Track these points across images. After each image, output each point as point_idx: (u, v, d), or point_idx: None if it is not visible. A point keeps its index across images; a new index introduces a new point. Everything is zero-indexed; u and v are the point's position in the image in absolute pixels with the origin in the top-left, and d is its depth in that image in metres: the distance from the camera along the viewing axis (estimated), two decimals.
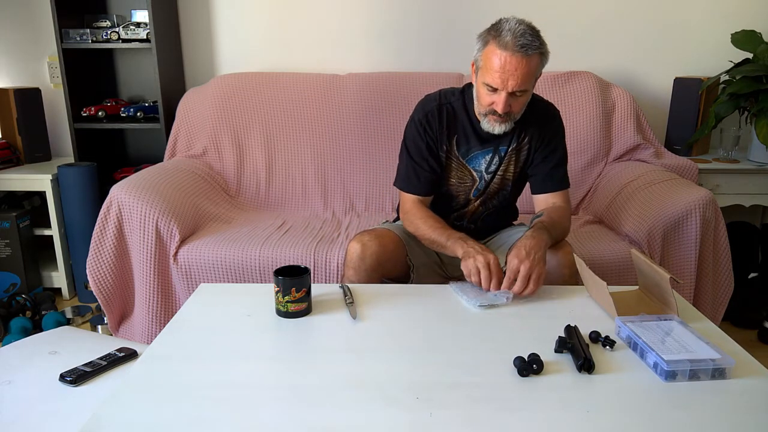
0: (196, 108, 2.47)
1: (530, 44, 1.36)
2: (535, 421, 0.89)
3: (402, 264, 1.61)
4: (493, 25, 1.43)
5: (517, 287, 1.30)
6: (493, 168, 1.61)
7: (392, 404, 0.93)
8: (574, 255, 1.41)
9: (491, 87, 1.41)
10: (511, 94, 1.41)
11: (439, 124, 1.56)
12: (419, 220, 1.56)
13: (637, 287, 1.39)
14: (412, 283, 1.61)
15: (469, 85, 1.59)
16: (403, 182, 1.62)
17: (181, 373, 1.02)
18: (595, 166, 2.37)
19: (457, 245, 1.43)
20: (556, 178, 1.61)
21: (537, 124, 1.58)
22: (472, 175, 1.62)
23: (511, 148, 1.60)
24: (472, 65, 1.50)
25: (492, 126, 1.48)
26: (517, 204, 1.80)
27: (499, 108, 1.42)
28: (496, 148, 1.59)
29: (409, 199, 1.61)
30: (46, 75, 2.74)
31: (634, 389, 0.98)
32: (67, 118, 2.54)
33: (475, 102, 1.51)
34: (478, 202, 1.67)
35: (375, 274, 1.52)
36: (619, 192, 2.11)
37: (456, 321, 1.23)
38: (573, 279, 1.49)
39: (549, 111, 1.62)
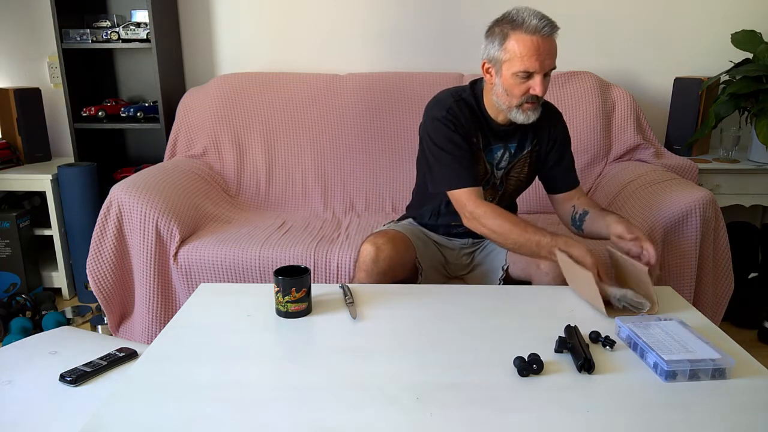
0: (196, 108, 2.47)
1: (553, 23, 1.41)
2: (535, 421, 0.89)
3: (411, 266, 1.61)
4: (504, 20, 1.44)
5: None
6: (503, 164, 1.61)
7: (392, 404, 0.93)
8: (556, 250, 1.40)
9: (526, 73, 1.41)
10: (544, 75, 1.44)
11: (464, 118, 1.53)
12: (496, 221, 1.45)
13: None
14: (420, 284, 1.61)
15: (476, 82, 1.59)
16: (453, 180, 1.50)
17: (181, 373, 1.02)
18: (595, 166, 2.37)
19: (553, 255, 1.40)
20: (573, 176, 1.66)
21: (546, 125, 1.61)
22: (486, 169, 1.61)
23: (525, 150, 1.61)
24: (484, 65, 1.49)
25: (527, 115, 1.48)
26: (521, 203, 1.81)
27: (539, 90, 1.42)
28: (505, 145, 1.60)
29: (465, 197, 1.49)
30: (46, 75, 2.74)
31: (634, 389, 0.98)
32: (67, 118, 2.54)
33: (501, 98, 1.48)
34: (495, 202, 1.66)
35: (387, 277, 1.52)
36: (619, 192, 2.10)
37: (456, 321, 1.23)
38: None
39: (554, 111, 1.64)
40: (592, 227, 1.53)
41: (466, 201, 1.49)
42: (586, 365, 1.03)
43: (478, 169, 1.57)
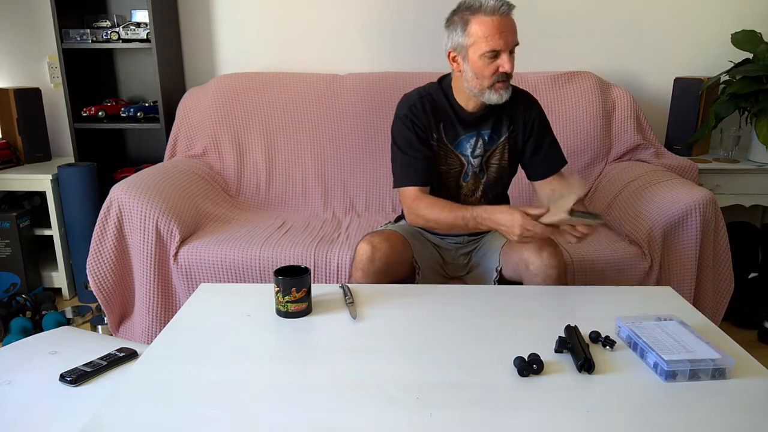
0: (196, 108, 2.47)
1: (509, 3, 1.47)
2: (535, 421, 0.89)
3: (408, 265, 1.62)
4: (461, 8, 1.50)
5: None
6: (478, 152, 1.63)
7: (392, 404, 0.93)
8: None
9: (493, 52, 1.45)
10: (509, 53, 1.48)
11: (425, 114, 1.59)
12: (426, 210, 1.54)
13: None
14: (417, 284, 1.61)
15: (444, 77, 1.64)
16: (402, 179, 1.60)
17: (181, 373, 1.02)
18: (596, 166, 2.37)
19: (482, 224, 1.48)
20: (554, 160, 1.67)
21: (521, 111, 1.63)
22: (460, 160, 1.63)
23: (502, 137, 1.62)
24: (450, 54, 1.54)
25: (500, 95, 1.51)
26: (516, 198, 1.82)
27: (508, 66, 1.47)
28: (478, 132, 1.62)
29: (409, 193, 1.58)
30: (46, 75, 2.74)
31: (634, 389, 0.98)
32: (67, 118, 2.54)
33: (472, 83, 1.52)
34: (479, 193, 1.67)
35: (383, 276, 1.52)
36: (619, 192, 2.11)
37: (456, 321, 1.23)
38: (561, 279, 1.50)
39: (528, 98, 1.66)
40: None
41: (406, 198, 1.58)
42: (586, 365, 1.03)
43: (434, 167, 1.61)
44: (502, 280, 1.62)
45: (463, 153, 1.62)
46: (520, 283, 1.56)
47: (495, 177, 1.67)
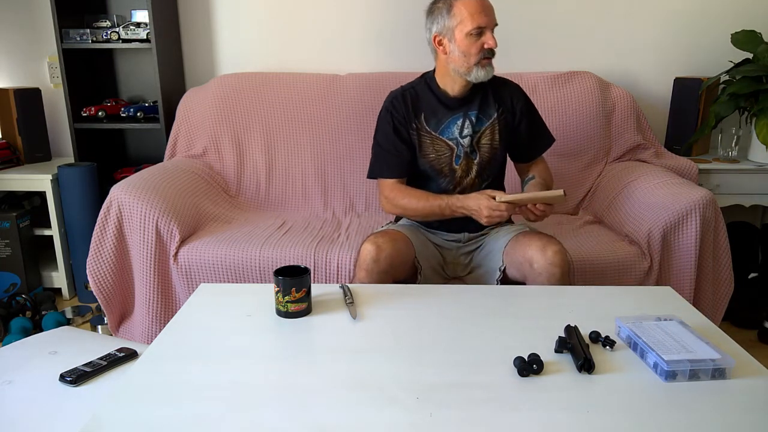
0: (196, 108, 2.47)
1: None
2: (535, 421, 0.89)
3: (410, 266, 1.62)
4: None
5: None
6: (466, 132, 1.67)
7: (392, 404, 0.93)
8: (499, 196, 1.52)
9: (478, 29, 1.54)
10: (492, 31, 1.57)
11: (405, 106, 1.68)
12: (404, 200, 1.65)
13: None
14: (419, 284, 1.61)
15: (428, 72, 1.72)
16: (376, 170, 1.71)
17: (181, 373, 1.02)
18: (595, 166, 2.37)
19: (456, 211, 1.59)
20: (541, 143, 1.77)
21: (507, 95, 1.71)
22: (449, 145, 1.68)
23: (492, 117, 1.68)
24: (435, 38, 1.61)
25: (486, 71, 1.60)
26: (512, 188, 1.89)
27: (492, 42, 1.56)
28: (465, 113, 1.68)
29: (386, 185, 1.69)
30: (46, 75, 2.74)
31: (634, 389, 0.98)
32: (67, 118, 2.54)
33: (458, 62, 1.59)
34: (474, 173, 1.70)
35: (387, 276, 1.53)
36: (619, 192, 2.11)
37: (456, 321, 1.23)
38: (564, 278, 1.50)
39: (512, 85, 1.75)
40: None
41: (384, 188, 1.69)
42: (586, 365, 1.03)
43: (410, 161, 1.69)
44: (505, 280, 1.62)
45: (450, 137, 1.67)
46: (523, 283, 1.56)
47: (488, 157, 1.71)
